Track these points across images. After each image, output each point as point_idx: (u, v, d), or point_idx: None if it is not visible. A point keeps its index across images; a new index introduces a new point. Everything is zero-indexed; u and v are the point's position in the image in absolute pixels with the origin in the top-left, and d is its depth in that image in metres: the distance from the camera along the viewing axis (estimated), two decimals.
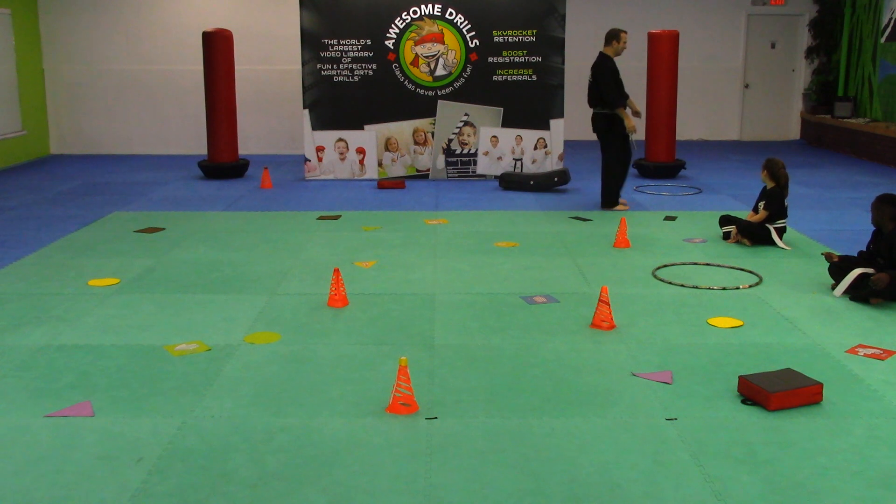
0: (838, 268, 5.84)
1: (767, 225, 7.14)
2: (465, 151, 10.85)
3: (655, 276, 6.23)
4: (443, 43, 10.63)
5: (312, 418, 3.91)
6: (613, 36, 8.68)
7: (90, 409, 4.00)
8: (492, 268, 6.50)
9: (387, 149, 10.83)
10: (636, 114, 8.70)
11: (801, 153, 13.20)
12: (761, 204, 7.25)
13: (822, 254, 6.09)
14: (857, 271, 5.65)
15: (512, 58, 10.67)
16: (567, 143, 13.03)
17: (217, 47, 10.92)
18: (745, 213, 8.53)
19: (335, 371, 4.46)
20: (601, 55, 8.68)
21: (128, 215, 8.59)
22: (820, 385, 4.07)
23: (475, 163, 10.88)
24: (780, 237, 7.12)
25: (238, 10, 13.48)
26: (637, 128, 8.73)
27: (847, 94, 13.81)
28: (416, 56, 10.66)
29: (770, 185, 7.23)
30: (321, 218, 8.40)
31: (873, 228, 5.88)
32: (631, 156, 8.75)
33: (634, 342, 4.88)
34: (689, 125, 14.68)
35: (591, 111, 8.78)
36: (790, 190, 7.45)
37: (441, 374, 4.42)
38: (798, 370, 4.31)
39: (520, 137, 10.79)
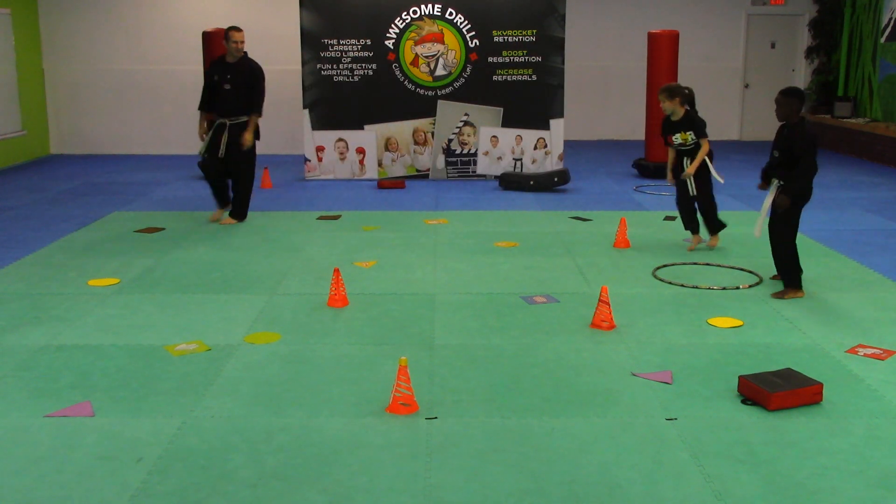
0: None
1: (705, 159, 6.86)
2: (465, 151, 10.85)
3: (655, 276, 6.23)
4: (443, 43, 10.63)
5: (312, 418, 3.91)
6: (224, 36, 8.00)
7: (90, 409, 4.00)
8: (492, 268, 6.50)
9: (387, 149, 10.83)
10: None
11: None
12: (689, 135, 6.79)
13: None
14: (766, 204, 5.70)
15: (512, 58, 10.66)
16: (567, 143, 13.04)
17: (217, 47, 10.90)
18: (743, 213, 8.53)
19: (335, 371, 4.46)
20: (250, 59, 7.98)
21: (128, 215, 8.59)
22: (820, 385, 4.07)
23: (475, 163, 10.88)
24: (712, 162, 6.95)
25: (238, 10, 13.48)
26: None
27: (847, 94, 13.80)
28: (416, 56, 10.66)
29: (680, 111, 6.82)
30: (321, 218, 8.40)
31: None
32: None
33: (634, 342, 4.88)
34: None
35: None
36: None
37: (441, 374, 4.42)
38: (798, 370, 4.31)
39: (520, 137, 10.79)
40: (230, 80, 7.85)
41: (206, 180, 8.30)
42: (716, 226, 7.04)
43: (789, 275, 5.74)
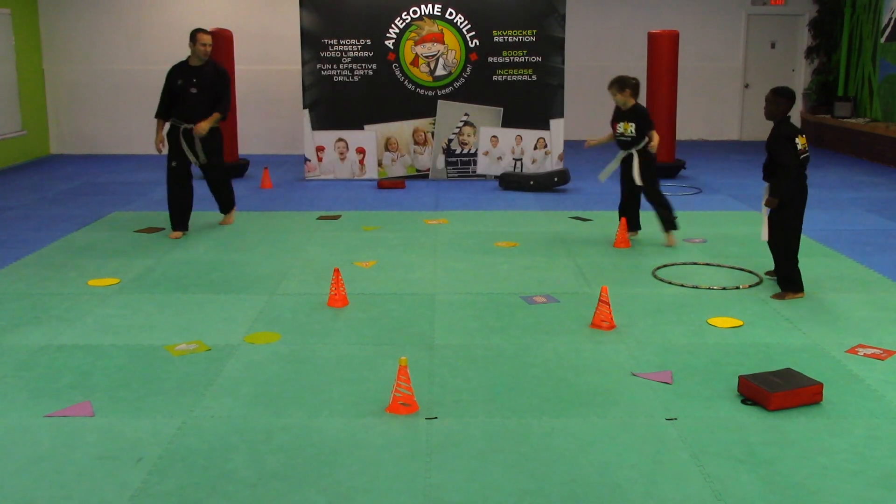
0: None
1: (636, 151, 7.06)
2: (465, 151, 10.85)
3: (655, 276, 6.23)
4: (443, 43, 10.63)
5: (312, 418, 3.91)
6: (190, 38, 7.52)
7: (90, 409, 4.00)
8: (492, 268, 6.50)
9: (387, 149, 10.84)
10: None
11: None
12: (630, 126, 6.99)
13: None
14: (766, 210, 5.72)
15: (512, 58, 10.66)
16: (567, 143, 13.03)
17: (217, 47, 10.89)
18: (743, 213, 8.53)
19: (335, 371, 4.46)
20: (215, 62, 7.64)
21: (128, 215, 8.59)
22: (820, 385, 4.07)
23: (475, 163, 10.88)
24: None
25: (238, 10, 13.48)
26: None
27: (847, 94, 13.81)
28: (416, 56, 10.66)
29: (630, 102, 7.03)
30: (321, 218, 8.40)
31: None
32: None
33: (634, 342, 4.88)
34: (689, 125, 14.68)
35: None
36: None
37: (441, 374, 4.42)
38: (798, 370, 4.31)
39: (520, 137, 10.79)
40: (197, 85, 7.43)
41: (169, 194, 7.58)
42: (670, 221, 7.12)
43: (786, 282, 5.72)
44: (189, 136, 7.50)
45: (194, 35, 7.49)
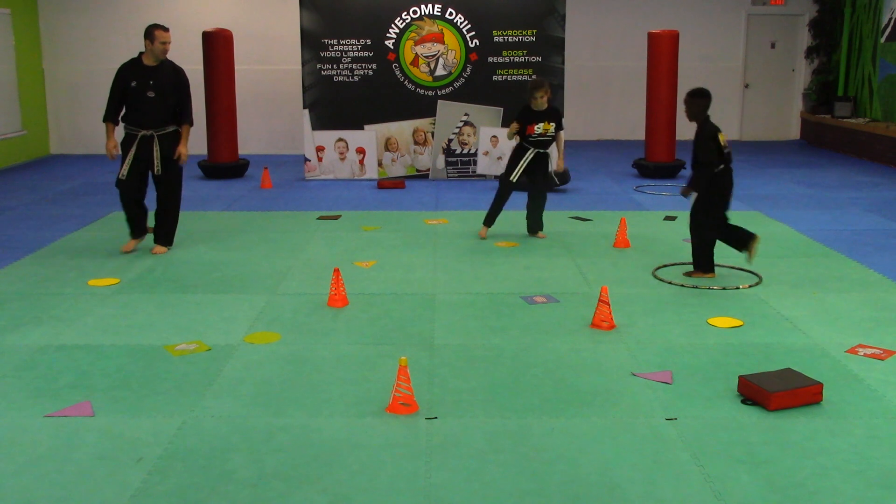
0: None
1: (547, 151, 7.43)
2: (465, 151, 10.85)
3: (655, 276, 6.24)
4: (443, 43, 10.63)
5: (312, 418, 3.91)
6: (146, 35, 6.80)
7: (90, 409, 4.00)
8: (492, 268, 6.50)
9: (387, 149, 10.84)
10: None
11: (801, 153, 13.21)
12: (552, 125, 7.31)
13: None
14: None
15: (512, 58, 10.66)
16: (567, 143, 13.03)
17: (217, 47, 10.93)
18: (743, 214, 8.53)
19: (335, 371, 4.46)
20: (171, 61, 6.96)
21: None
22: (820, 385, 4.07)
23: (475, 163, 10.88)
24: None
25: (238, 10, 13.48)
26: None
27: (847, 94, 13.80)
28: (416, 56, 10.66)
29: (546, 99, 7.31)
30: (321, 218, 8.40)
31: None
32: None
33: (634, 342, 4.88)
34: (690, 125, 14.63)
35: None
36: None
37: (441, 374, 4.42)
38: (798, 370, 4.31)
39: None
40: (154, 87, 6.73)
41: (123, 204, 6.99)
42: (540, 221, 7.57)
43: (697, 259, 6.13)
44: (148, 144, 6.80)
45: (152, 31, 6.72)
